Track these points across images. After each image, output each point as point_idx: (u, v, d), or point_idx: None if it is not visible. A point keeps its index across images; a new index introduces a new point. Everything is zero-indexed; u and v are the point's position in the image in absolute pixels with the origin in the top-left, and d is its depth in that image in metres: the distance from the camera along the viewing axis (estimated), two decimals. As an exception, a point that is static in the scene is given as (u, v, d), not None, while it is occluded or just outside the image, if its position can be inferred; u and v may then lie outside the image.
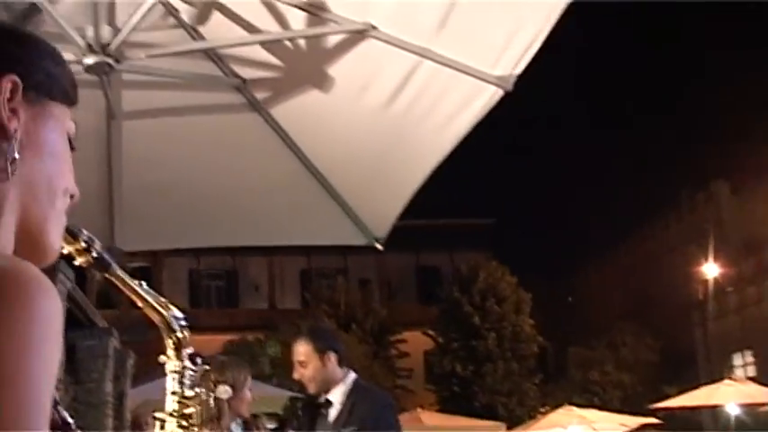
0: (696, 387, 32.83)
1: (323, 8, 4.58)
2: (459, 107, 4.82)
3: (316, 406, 5.84)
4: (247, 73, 5.25)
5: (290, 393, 19.76)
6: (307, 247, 39.58)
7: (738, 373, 41.66)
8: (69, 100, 1.56)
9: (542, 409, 39.21)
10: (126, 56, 4.46)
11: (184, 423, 1.84)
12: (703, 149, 50.88)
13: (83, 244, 1.71)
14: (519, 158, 72.42)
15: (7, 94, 1.41)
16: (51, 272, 1.67)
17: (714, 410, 37.75)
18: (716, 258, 43.55)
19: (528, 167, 75.43)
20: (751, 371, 42.57)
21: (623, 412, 33.91)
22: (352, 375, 5.83)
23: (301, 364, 5.71)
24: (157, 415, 1.90)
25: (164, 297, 1.83)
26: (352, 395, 5.72)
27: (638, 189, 55.81)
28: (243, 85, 5.29)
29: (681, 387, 35.96)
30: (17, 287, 1.19)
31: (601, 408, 34.70)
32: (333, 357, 5.71)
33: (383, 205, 5.97)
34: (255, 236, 6.66)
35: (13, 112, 1.41)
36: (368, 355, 37.20)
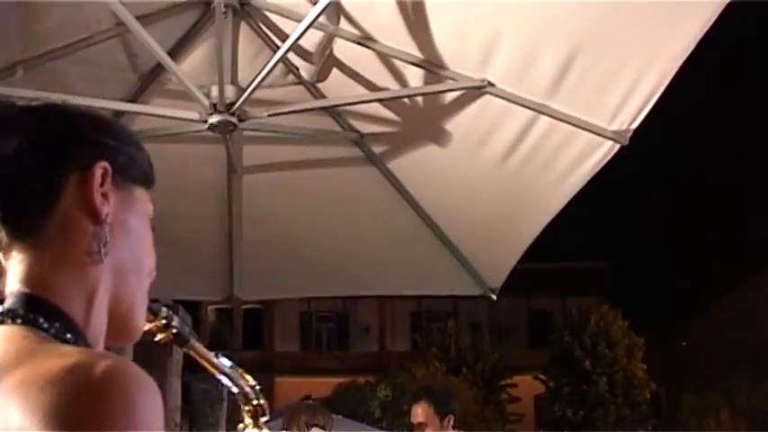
0: (814, 437, 32.26)
1: (440, 65, 4.64)
2: (575, 162, 4.85)
3: None
4: (365, 128, 5.33)
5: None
6: (417, 291, 39.77)
7: None
8: (149, 182, 1.63)
9: (656, 456, 38.76)
10: (249, 114, 4.57)
11: None
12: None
13: (163, 321, 1.78)
14: (633, 201, 71.78)
15: (99, 180, 1.50)
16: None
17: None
18: (835, 304, 42.82)
19: (642, 210, 74.71)
20: None
21: (738, 460, 33.38)
22: None
23: (420, 426, 5.75)
24: None
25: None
26: None
27: (756, 233, 54.93)
28: (360, 140, 5.38)
29: (796, 437, 35.32)
30: (118, 391, 1.22)
31: (715, 456, 34.20)
32: (452, 420, 5.76)
33: (498, 257, 6.02)
34: (372, 287, 6.75)
35: (105, 197, 1.50)
36: (478, 399, 37.09)
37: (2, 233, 1.48)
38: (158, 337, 1.79)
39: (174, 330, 1.81)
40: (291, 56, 4.89)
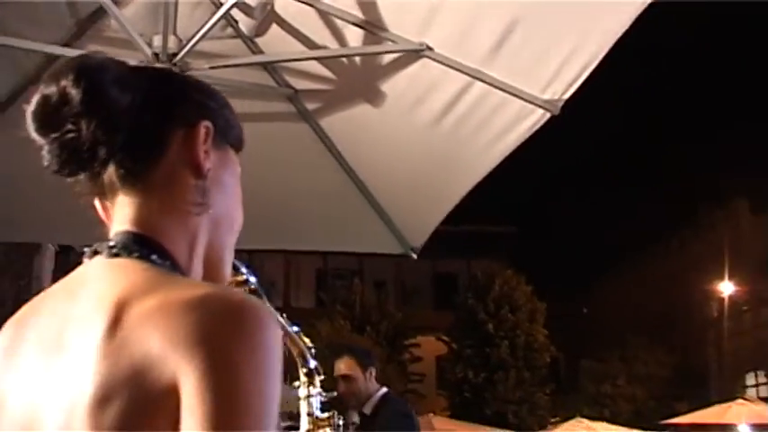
0: (708, 405, 32.98)
1: (380, 27, 4.71)
2: (506, 128, 4.96)
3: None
4: (299, 84, 5.39)
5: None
6: (324, 248, 39.66)
7: (751, 392, 41.66)
8: (240, 145, 1.79)
9: (553, 420, 39.35)
10: (190, 66, 4.60)
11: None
12: (725, 167, 50.90)
13: (243, 277, 1.87)
14: (542, 169, 72.42)
15: (203, 138, 1.64)
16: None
17: (724, 429, 37.84)
18: (732, 277, 43.58)
19: (550, 179, 75.44)
20: (763, 391, 42.58)
21: (633, 426, 33.97)
22: (384, 389, 6.12)
23: (344, 379, 6.13)
24: None
25: None
26: (378, 406, 6.20)
27: (657, 205, 55.82)
28: (294, 96, 5.43)
29: (692, 404, 36.04)
30: (254, 318, 1.38)
31: (611, 421, 34.79)
32: (373, 372, 6.02)
33: (421, 218, 6.13)
34: (299, 241, 6.81)
35: (206, 153, 1.65)
36: (381, 358, 37.27)
37: (113, 176, 1.60)
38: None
39: (252, 287, 1.94)
40: (233, 10, 4.91)
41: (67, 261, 18.37)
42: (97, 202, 1.68)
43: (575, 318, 55.77)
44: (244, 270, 1.87)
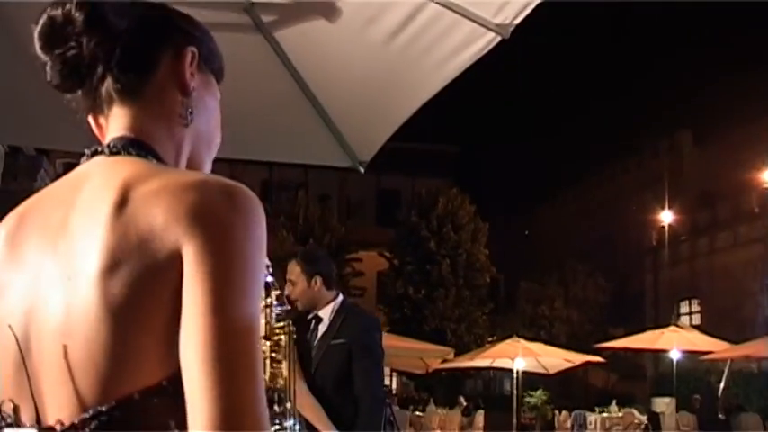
0: (642, 331, 33.57)
1: (339, -57, 4.77)
2: (457, 49, 5.06)
3: (307, 321, 6.29)
4: (255, -5, 5.44)
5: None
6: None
7: (684, 320, 42.38)
8: (220, 77, 2.01)
9: (490, 339, 39.89)
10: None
11: (275, 347, 2.16)
12: (671, 98, 51.18)
13: None
14: (490, 90, 72.45)
15: (189, 61, 1.87)
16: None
17: (657, 354, 38.53)
18: (672, 206, 44.10)
19: (498, 100, 75.55)
20: (696, 319, 43.34)
21: (569, 348, 34.52)
22: (341, 297, 6.34)
23: (291, 282, 6.34)
24: None
25: None
26: (342, 313, 6.37)
27: (603, 132, 56.18)
28: (250, 7, 5.48)
29: (627, 329, 36.72)
30: (248, 199, 1.62)
31: (547, 342, 35.29)
32: (319, 281, 6.25)
33: (370, 133, 6.23)
34: (248, 150, 6.89)
35: (192, 75, 1.87)
36: (323, 271, 37.46)
37: (110, 89, 1.81)
38: None
39: None
40: None
41: (15, 164, 18.28)
42: (91, 119, 1.89)
43: (516, 239, 56.26)
44: None
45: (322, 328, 6.33)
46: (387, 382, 47.85)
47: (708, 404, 29.72)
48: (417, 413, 33.92)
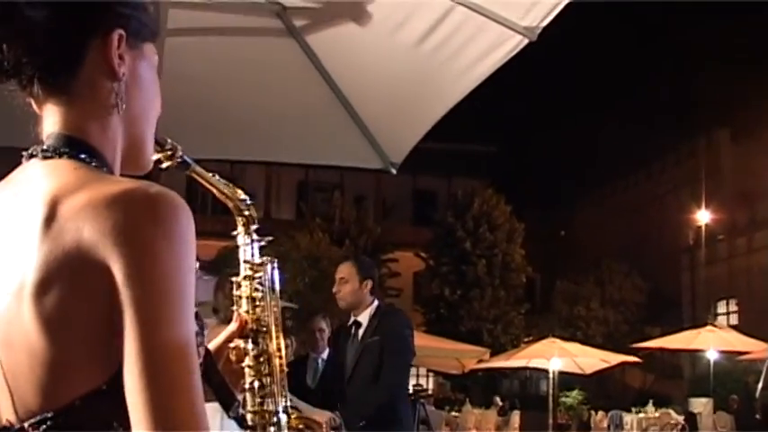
0: (679, 331, 33.35)
1: (368, -51, 4.86)
2: (485, 52, 5.14)
3: (347, 327, 6.84)
4: (288, 1, 5.53)
5: (283, 303, 20.13)
6: (306, 160, 39.18)
7: (721, 320, 42.11)
8: (155, 36, 1.95)
9: (526, 339, 39.76)
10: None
11: (257, 286, 2.21)
12: (708, 96, 50.84)
13: (169, 150, 2.08)
14: (526, 90, 72.25)
15: (116, 45, 1.80)
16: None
17: (694, 355, 38.33)
18: (709, 206, 43.84)
19: (534, 99, 75.27)
20: (734, 319, 43.08)
21: (605, 348, 34.37)
22: (377, 302, 6.86)
23: (342, 280, 6.80)
24: (234, 279, 2.26)
25: None
26: (377, 316, 6.78)
27: (640, 131, 55.80)
28: (283, 12, 5.57)
29: (664, 329, 36.50)
30: (169, 209, 1.60)
31: (583, 342, 35.15)
32: (369, 285, 6.79)
33: (401, 135, 6.33)
34: (282, 153, 7.00)
35: (121, 58, 1.81)
36: (359, 272, 37.47)
37: (38, 90, 1.77)
38: (165, 164, 2.11)
39: (179, 158, 2.12)
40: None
41: None
42: (33, 103, 1.84)
43: (552, 239, 56.10)
44: (169, 144, 2.07)
45: (360, 331, 6.74)
46: (423, 382, 47.90)
47: (745, 405, 29.50)
48: (453, 413, 33.94)
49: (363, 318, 6.75)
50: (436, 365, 35.38)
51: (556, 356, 30.89)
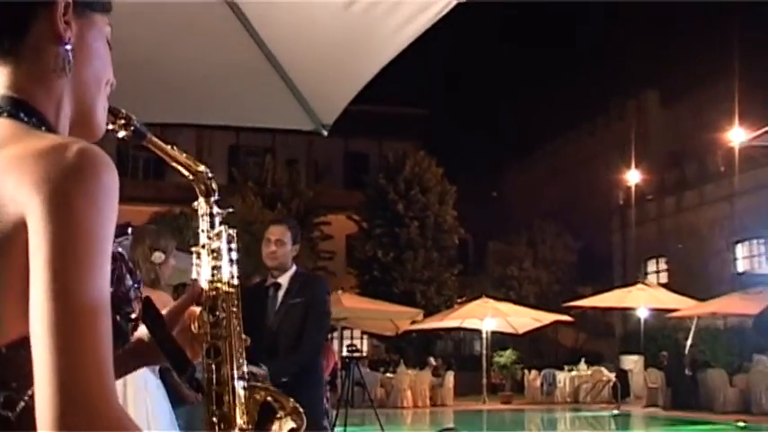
0: (610, 289, 33.81)
1: None
2: (416, 12, 5.14)
3: (264, 288, 7.05)
4: (217, -37, 5.49)
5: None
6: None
7: (651, 279, 42.68)
8: (107, 9, 1.98)
9: (459, 300, 40.06)
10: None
11: (215, 254, 2.22)
12: (638, 59, 51.27)
13: (122, 120, 2.08)
14: (456, 53, 72.33)
15: (62, 10, 1.84)
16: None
17: (625, 313, 38.87)
18: (639, 166, 44.32)
19: (464, 63, 75.44)
20: (663, 278, 43.64)
21: (537, 308, 34.75)
22: (295, 266, 7.09)
23: (279, 242, 6.99)
24: (193, 249, 2.27)
25: None
26: (297, 279, 7.03)
27: (570, 93, 56.19)
28: (212, -26, 5.53)
29: (595, 288, 36.94)
30: (91, 164, 1.60)
31: (516, 302, 35.51)
32: (296, 249, 7.11)
33: (333, 96, 6.32)
34: (212, 115, 6.98)
35: (67, 24, 1.85)
36: (292, 235, 37.40)
37: None
38: (120, 134, 2.10)
39: (133, 127, 2.11)
40: None
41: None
42: None
43: (484, 201, 56.38)
44: (123, 113, 2.08)
45: (281, 293, 6.95)
46: (357, 344, 48.10)
47: (675, 361, 30.02)
48: (388, 375, 34.16)
49: (283, 280, 6.96)
50: (370, 327, 35.51)
51: (489, 317, 31.25)
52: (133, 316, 1.92)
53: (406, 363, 36.29)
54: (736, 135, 32.04)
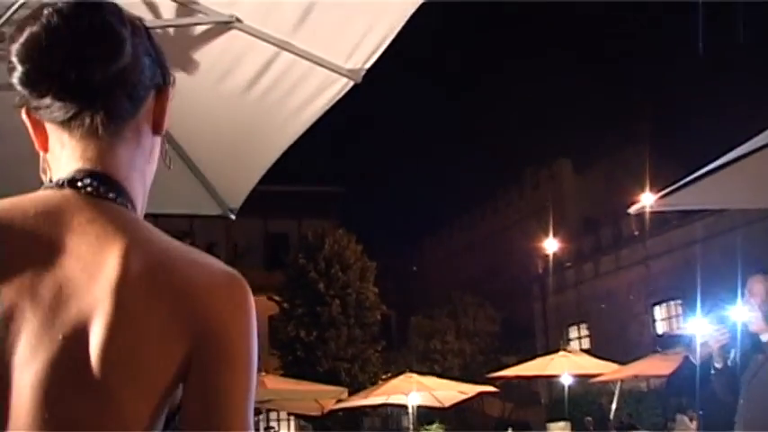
0: (533, 358, 33.94)
1: (192, 0, 4.93)
2: (313, 95, 5.27)
3: None
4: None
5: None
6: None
7: (574, 345, 42.99)
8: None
9: (384, 376, 39.91)
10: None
11: None
12: (550, 129, 52.10)
13: None
14: (368, 130, 73.01)
15: (170, 100, 1.84)
16: None
17: (549, 380, 39.02)
18: (556, 234, 44.88)
19: (377, 139, 76.06)
20: (585, 343, 44.00)
21: (462, 380, 34.71)
22: None
23: None
24: None
25: None
26: None
27: (485, 165, 56.92)
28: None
29: (519, 357, 37.08)
30: (248, 294, 1.68)
31: (441, 375, 35.46)
32: None
33: (238, 180, 6.40)
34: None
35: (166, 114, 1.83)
36: (213, 318, 37.20)
37: (96, 120, 1.68)
38: None
39: None
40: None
41: None
42: (27, 116, 1.73)
43: (404, 276, 56.52)
44: None
45: None
46: (284, 425, 47.71)
47: (601, 425, 30.20)
48: (316, 456, 33.91)
49: None
50: (296, 408, 35.25)
51: (414, 391, 31.10)
52: None
53: (334, 443, 36.08)
54: (647, 199, 32.50)
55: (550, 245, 45.66)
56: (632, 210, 8.21)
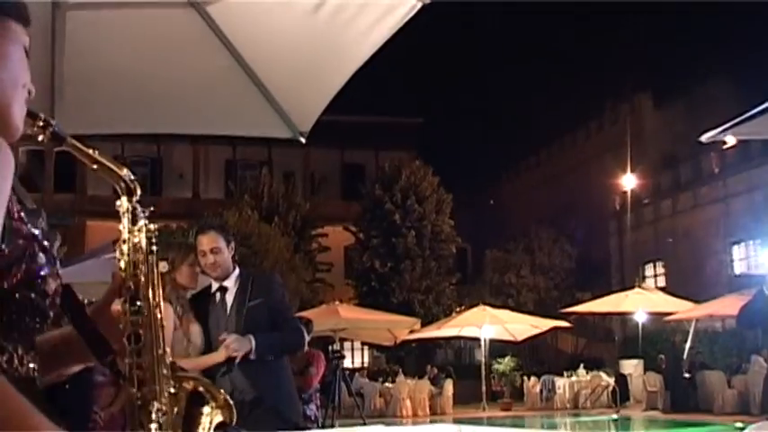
0: (608, 294, 33.78)
1: None
2: (381, 15, 5.21)
3: (210, 294, 6.71)
4: (187, -28, 5.55)
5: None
6: (232, 138, 38.78)
7: (648, 282, 42.65)
8: (25, 21, 2.07)
9: (458, 309, 39.98)
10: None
11: (135, 248, 2.26)
12: (631, 63, 51.35)
13: (41, 123, 2.12)
14: (450, 61, 72.46)
15: None
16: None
17: (623, 317, 38.85)
18: (634, 170, 44.34)
19: (459, 71, 75.52)
20: (661, 281, 43.62)
21: (536, 315, 34.71)
22: (237, 267, 6.75)
23: (215, 251, 6.58)
24: (116, 245, 2.31)
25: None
26: (246, 279, 6.68)
27: (564, 99, 56.30)
28: (182, -17, 5.59)
29: (594, 293, 36.91)
30: None
31: (514, 309, 35.47)
32: (233, 248, 6.70)
33: (308, 102, 6.37)
34: (186, 124, 7.02)
35: None
36: (289, 247, 37.47)
37: None
38: (39, 137, 2.13)
39: (52, 129, 2.14)
40: None
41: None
42: None
43: (481, 209, 56.41)
44: (42, 115, 2.12)
45: (229, 296, 6.63)
46: (357, 355, 48.11)
47: (674, 364, 30.00)
48: (387, 384, 34.10)
49: (229, 283, 6.66)
50: (369, 337, 35.45)
51: (487, 324, 31.19)
52: (50, 292, 1.99)
53: (405, 373, 36.25)
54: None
55: (628, 181, 45.28)
56: (705, 138, 8.00)
